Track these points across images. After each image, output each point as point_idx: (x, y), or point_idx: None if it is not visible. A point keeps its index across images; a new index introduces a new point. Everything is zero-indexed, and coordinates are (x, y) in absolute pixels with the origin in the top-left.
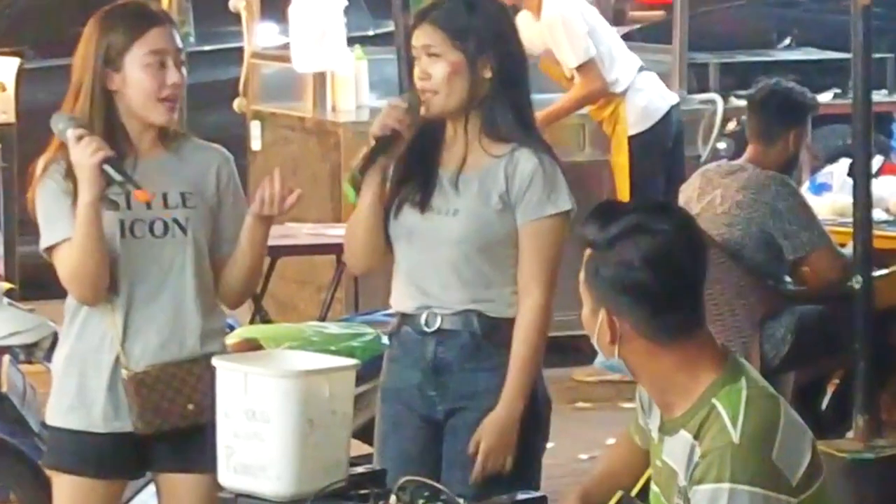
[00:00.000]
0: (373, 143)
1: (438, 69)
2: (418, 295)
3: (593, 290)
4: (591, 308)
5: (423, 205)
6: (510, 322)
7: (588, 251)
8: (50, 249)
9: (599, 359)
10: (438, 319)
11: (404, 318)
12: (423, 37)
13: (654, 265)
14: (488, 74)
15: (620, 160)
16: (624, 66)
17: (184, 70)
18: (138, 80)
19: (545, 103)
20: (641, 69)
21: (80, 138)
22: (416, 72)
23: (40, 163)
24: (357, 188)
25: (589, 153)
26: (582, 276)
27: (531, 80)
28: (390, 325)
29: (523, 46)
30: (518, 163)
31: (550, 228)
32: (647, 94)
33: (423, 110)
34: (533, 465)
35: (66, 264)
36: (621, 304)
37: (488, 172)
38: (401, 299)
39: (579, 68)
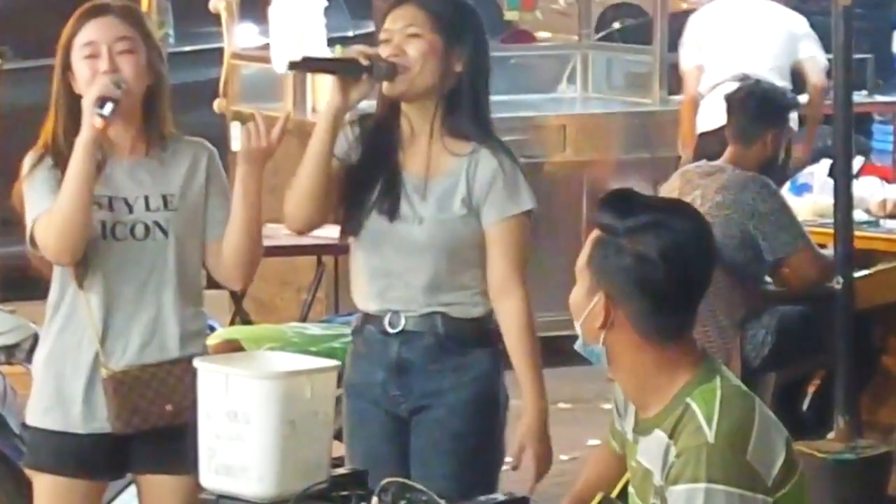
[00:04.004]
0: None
1: (415, 46)
2: (382, 297)
3: (598, 273)
4: (588, 289)
5: (392, 213)
6: (474, 322)
7: (598, 234)
8: (36, 222)
9: (579, 343)
10: (402, 321)
11: (367, 317)
12: (404, 17)
13: (670, 263)
14: (459, 68)
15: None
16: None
17: (127, 59)
18: (78, 76)
19: (531, 103)
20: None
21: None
22: (387, 49)
23: (28, 159)
24: (292, 66)
25: (569, 153)
26: (584, 257)
27: (520, 80)
28: (353, 323)
29: (489, 52)
30: (479, 165)
31: (515, 227)
32: (707, 106)
33: (385, 86)
34: (491, 463)
35: (50, 219)
36: (625, 294)
37: (451, 177)
38: (364, 300)
39: None
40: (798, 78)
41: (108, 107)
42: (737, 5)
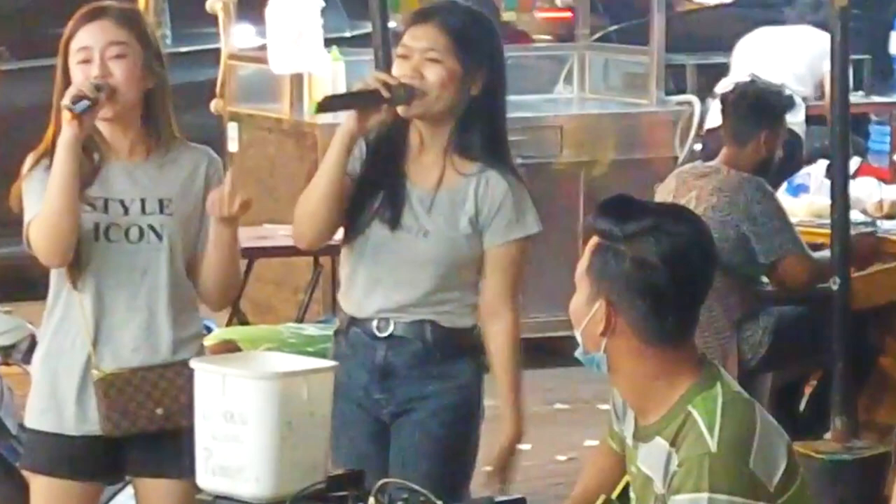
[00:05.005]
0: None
1: (434, 73)
2: (375, 304)
3: (598, 280)
4: (588, 297)
5: (394, 223)
6: (462, 332)
7: (597, 241)
8: (30, 225)
9: (579, 351)
10: (391, 326)
11: (354, 320)
12: (425, 38)
13: (671, 266)
14: (475, 91)
15: None
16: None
17: (119, 64)
18: (74, 81)
19: (528, 104)
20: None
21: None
22: (405, 68)
23: (28, 160)
24: (319, 109)
25: (566, 154)
26: (583, 264)
27: (517, 81)
28: (336, 324)
29: (506, 74)
30: (488, 186)
31: (517, 251)
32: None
33: (402, 109)
34: (465, 468)
35: (39, 222)
36: (626, 300)
37: (458, 194)
38: (354, 305)
39: None
40: None
41: (81, 104)
42: (779, 28)
